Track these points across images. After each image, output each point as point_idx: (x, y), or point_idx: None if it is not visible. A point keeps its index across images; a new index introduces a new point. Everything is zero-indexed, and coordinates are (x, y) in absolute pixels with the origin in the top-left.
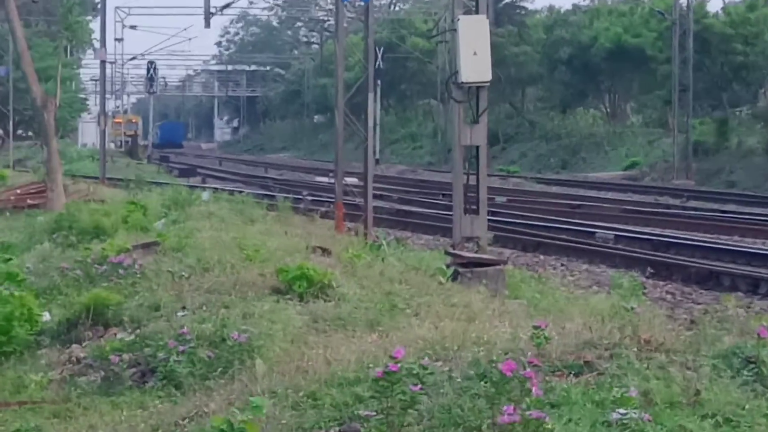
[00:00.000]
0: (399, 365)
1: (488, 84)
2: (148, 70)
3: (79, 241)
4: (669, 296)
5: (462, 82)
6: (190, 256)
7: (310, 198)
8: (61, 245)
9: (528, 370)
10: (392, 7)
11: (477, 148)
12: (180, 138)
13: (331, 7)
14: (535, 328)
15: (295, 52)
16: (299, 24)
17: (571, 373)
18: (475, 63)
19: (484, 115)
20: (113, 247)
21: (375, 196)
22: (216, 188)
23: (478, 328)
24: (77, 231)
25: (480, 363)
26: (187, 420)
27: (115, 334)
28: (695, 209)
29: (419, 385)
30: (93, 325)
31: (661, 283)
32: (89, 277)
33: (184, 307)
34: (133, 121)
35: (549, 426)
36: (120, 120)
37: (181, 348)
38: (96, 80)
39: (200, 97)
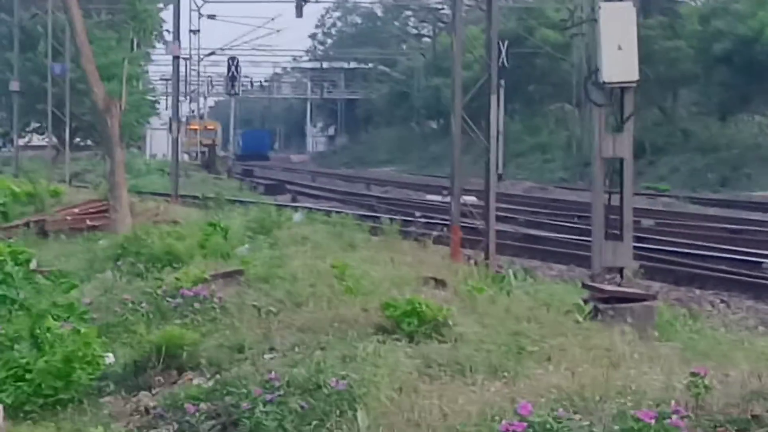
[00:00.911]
0: (526, 423)
1: (635, 85)
2: (229, 67)
3: (148, 270)
4: None
5: (603, 82)
6: (280, 288)
7: (421, 220)
8: (126, 274)
9: (684, 422)
10: None
11: (621, 161)
12: (266, 148)
13: None
14: (693, 375)
15: (403, 46)
16: (408, 13)
17: (736, 429)
18: (619, 59)
19: (630, 122)
20: (188, 277)
21: (498, 219)
22: (309, 208)
23: (623, 376)
24: (145, 257)
25: (626, 416)
26: None
27: (191, 380)
28: None
29: None
30: (164, 369)
31: None
32: (160, 311)
33: (272, 348)
34: (211, 128)
35: None
36: (196, 127)
37: (268, 397)
38: (167, 80)
39: (290, 100)
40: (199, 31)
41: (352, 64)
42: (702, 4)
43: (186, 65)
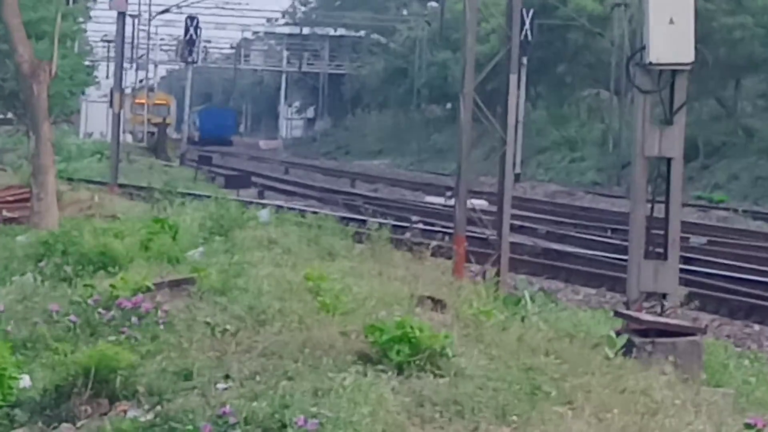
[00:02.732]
0: None
1: (689, 68)
2: (187, 29)
3: (78, 274)
4: None
5: (650, 64)
6: (239, 302)
7: (418, 226)
8: (50, 278)
9: None
10: None
11: (668, 162)
12: (229, 131)
13: None
14: (747, 427)
15: (404, 11)
16: None
17: None
18: (671, 36)
19: (681, 114)
20: (127, 285)
21: (513, 228)
22: (280, 206)
23: (662, 426)
24: (75, 259)
25: None
26: None
27: (125, 412)
28: None
29: None
30: (93, 397)
31: None
32: (90, 326)
33: (227, 377)
34: (162, 103)
35: None
36: (143, 101)
37: None
38: (110, 41)
39: (261, 72)
40: None
41: (340, 31)
42: None
43: (133, 24)
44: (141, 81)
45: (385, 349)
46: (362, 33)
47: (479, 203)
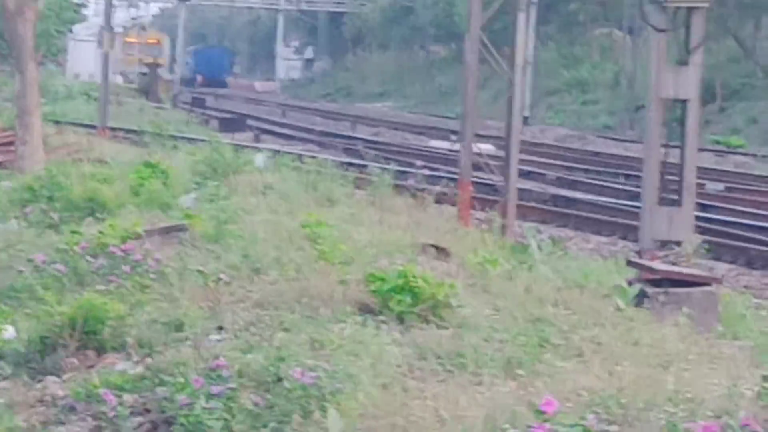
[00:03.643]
0: (549, 425)
1: (707, 5)
2: None
3: (64, 220)
4: None
5: (666, 0)
6: (233, 251)
7: (422, 171)
8: (35, 225)
9: None
10: None
11: (684, 104)
12: (223, 72)
13: None
14: (765, 380)
15: None
16: None
17: None
18: None
19: (699, 53)
20: (116, 232)
21: (521, 174)
22: (276, 150)
23: (676, 379)
24: (62, 205)
25: (678, 429)
26: None
27: (114, 364)
28: None
29: None
30: (80, 349)
31: None
32: (77, 275)
33: (220, 328)
34: (155, 42)
35: None
36: (134, 40)
37: (213, 389)
38: None
39: (256, 10)
40: None
41: None
42: None
43: None
44: (133, 19)
45: (386, 299)
46: None
47: (486, 147)
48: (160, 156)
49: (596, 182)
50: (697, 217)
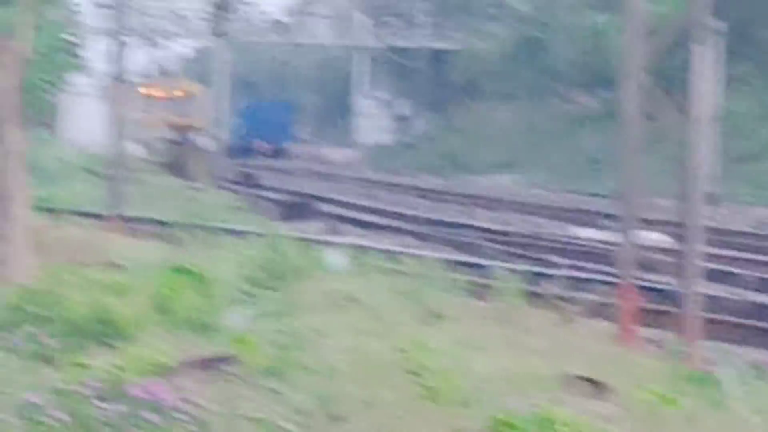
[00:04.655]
0: None
1: None
2: None
3: (64, 350)
4: None
5: None
6: (302, 389)
7: (564, 273)
8: (23, 356)
9: None
10: None
11: None
12: (283, 135)
13: None
14: None
15: None
16: None
17: None
18: None
19: None
20: (136, 364)
21: (707, 274)
22: (360, 246)
23: None
24: (59, 327)
25: None
26: None
27: None
28: None
29: None
30: None
31: None
32: (84, 426)
33: None
34: (189, 94)
35: None
36: (158, 92)
37: None
38: (106, 6)
39: (328, 48)
40: None
41: None
42: None
43: None
44: (156, 64)
45: None
46: None
47: (655, 238)
48: (197, 257)
49: None
50: None
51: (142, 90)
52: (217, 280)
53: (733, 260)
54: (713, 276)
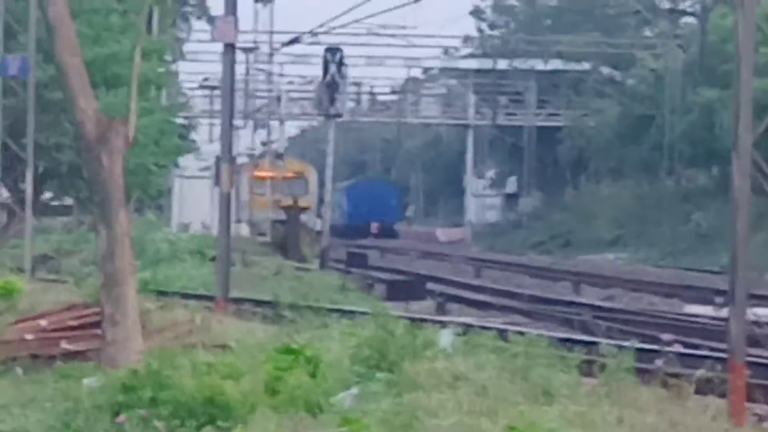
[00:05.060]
0: None
1: None
2: (326, 66)
3: None
4: None
5: None
6: None
7: (675, 350)
8: None
9: None
10: None
11: None
12: (391, 215)
13: None
14: None
15: (646, 32)
16: None
17: None
18: None
19: None
20: None
21: None
22: (469, 325)
23: None
24: (170, 410)
25: None
26: None
27: None
28: None
29: None
30: None
31: None
32: None
33: None
34: (299, 176)
35: None
36: (267, 174)
37: None
38: (214, 87)
39: (435, 128)
40: (272, 1)
41: (553, 64)
42: None
43: (247, 61)
44: (263, 145)
45: None
46: (586, 65)
47: (766, 314)
48: (306, 338)
49: None
50: None
51: (253, 172)
52: (326, 361)
53: None
54: None
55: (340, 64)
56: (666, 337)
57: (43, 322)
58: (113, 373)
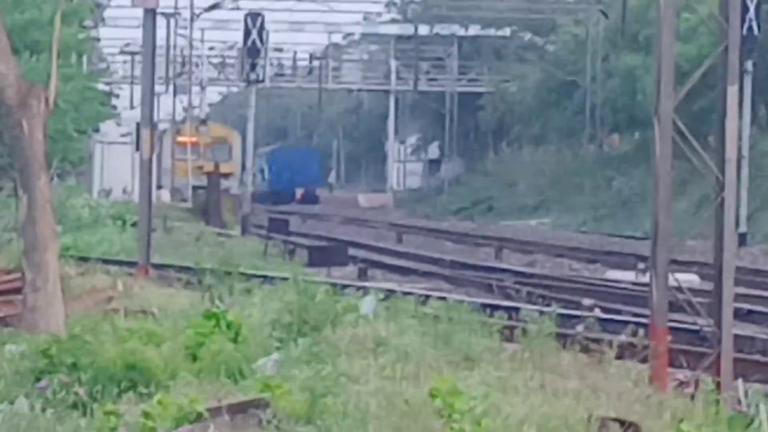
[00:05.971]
0: None
1: None
2: (247, 32)
3: (95, 398)
4: None
5: None
6: None
7: (596, 315)
8: (54, 405)
9: None
10: None
11: None
12: (313, 181)
13: None
14: None
15: None
16: None
17: None
18: None
19: None
20: (168, 412)
21: (739, 315)
22: (391, 291)
23: None
24: (90, 376)
25: None
26: None
27: None
28: None
29: None
30: None
31: None
32: None
33: None
34: (221, 140)
35: None
36: (190, 139)
37: None
38: (135, 53)
39: (358, 93)
40: None
41: (473, 29)
42: None
43: (168, 27)
44: (185, 110)
45: None
46: (507, 31)
47: (687, 279)
48: (227, 303)
49: None
50: None
51: (177, 138)
52: (247, 326)
53: (765, 300)
54: (745, 316)
55: (261, 29)
56: (587, 302)
57: None
58: (34, 338)
